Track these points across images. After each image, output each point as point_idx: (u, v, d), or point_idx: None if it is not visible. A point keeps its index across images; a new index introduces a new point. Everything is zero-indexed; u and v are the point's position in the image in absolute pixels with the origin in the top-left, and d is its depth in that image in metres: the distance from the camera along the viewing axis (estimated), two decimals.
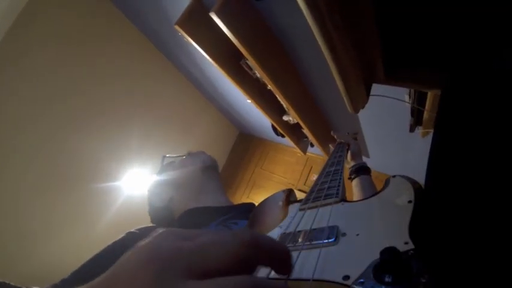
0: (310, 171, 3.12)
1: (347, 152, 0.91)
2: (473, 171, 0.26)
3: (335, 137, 1.02)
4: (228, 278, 0.14)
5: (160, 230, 0.19)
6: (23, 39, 1.90)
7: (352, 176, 0.86)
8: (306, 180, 3.11)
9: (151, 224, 0.58)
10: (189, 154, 0.77)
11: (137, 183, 2.58)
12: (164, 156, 0.80)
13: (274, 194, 0.53)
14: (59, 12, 2.03)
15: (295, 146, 2.14)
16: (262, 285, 0.14)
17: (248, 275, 0.15)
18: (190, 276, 0.14)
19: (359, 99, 0.77)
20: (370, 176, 0.86)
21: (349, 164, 0.91)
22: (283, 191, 0.52)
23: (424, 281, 0.19)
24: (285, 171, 3.32)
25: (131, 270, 0.16)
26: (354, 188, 0.83)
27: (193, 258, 0.15)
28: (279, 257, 0.18)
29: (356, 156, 0.92)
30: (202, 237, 0.17)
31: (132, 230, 0.54)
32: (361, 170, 0.86)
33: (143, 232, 0.53)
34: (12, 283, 0.37)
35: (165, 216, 0.69)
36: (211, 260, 0.15)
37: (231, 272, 0.15)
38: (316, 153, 2.71)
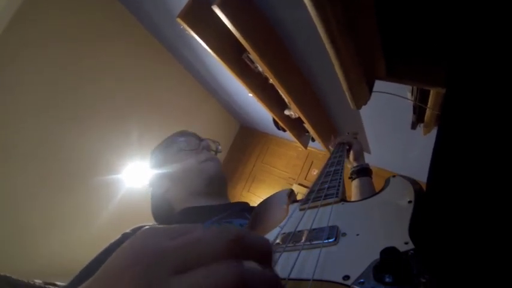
0: (311, 166, 3.12)
1: (348, 152, 0.90)
2: (474, 172, 0.26)
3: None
4: (213, 266, 0.14)
5: (144, 229, 0.18)
6: (23, 34, 1.88)
7: (353, 176, 0.85)
8: (307, 174, 3.11)
9: (146, 224, 0.59)
10: (202, 147, 0.76)
11: (138, 176, 2.58)
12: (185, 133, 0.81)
13: (275, 194, 0.53)
14: (60, 7, 2.01)
15: (296, 141, 2.14)
16: (251, 273, 0.14)
17: (235, 262, 0.15)
18: (176, 275, 0.14)
19: (361, 96, 0.77)
20: (371, 177, 0.85)
21: (351, 164, 0.90)
22: (284, 190, 0.52)
23: (424, 281, 0.19)
24: (285, 166, 3.32)
25: (118, 273, 0.15)
26: (353, 189, 0.83)
27: (178, 257, 0.15)
28: (260, 250, 0.17)
29: (359, 156, 0.91)
30: (188, 235, 0.17)
31: (127, 231, 0.54)
32: (363, 172, 0.85)
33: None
34: (13, 276, 0.38)
35: (164, 208, 0.71)
36: (197, 258, 0.15)
37: None
38: (317, 147, 2.71)
